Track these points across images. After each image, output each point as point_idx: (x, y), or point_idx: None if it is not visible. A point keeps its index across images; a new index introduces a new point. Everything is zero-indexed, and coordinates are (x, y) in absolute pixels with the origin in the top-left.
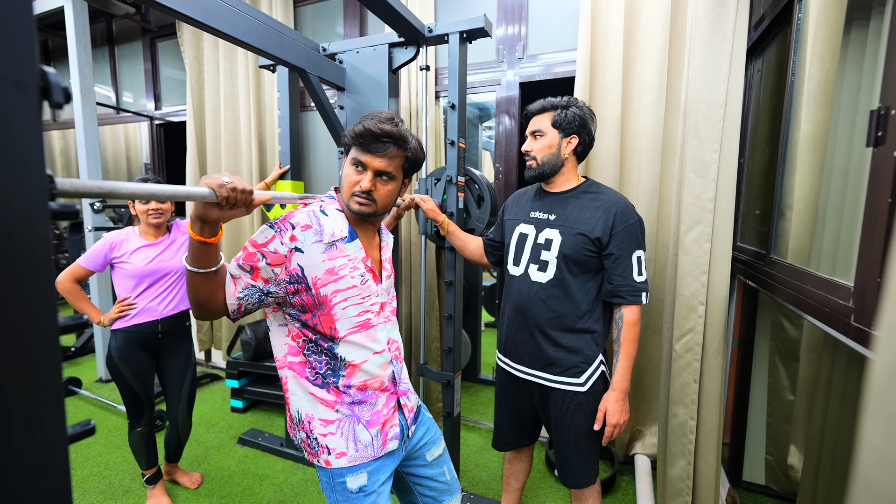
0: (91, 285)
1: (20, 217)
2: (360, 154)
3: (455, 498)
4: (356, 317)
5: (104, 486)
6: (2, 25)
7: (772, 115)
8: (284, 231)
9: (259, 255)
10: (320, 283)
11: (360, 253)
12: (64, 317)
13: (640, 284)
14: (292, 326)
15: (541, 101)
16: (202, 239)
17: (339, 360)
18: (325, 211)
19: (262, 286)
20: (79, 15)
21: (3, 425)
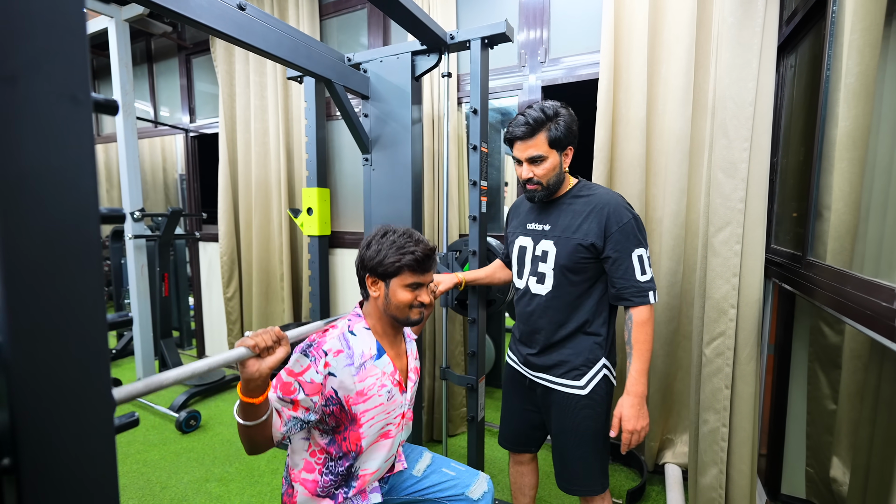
0: None
1: (75, 219)
2: (417, 277)
3: (476, 484)
4: (379, 431)
5: (143, 482)
6: (60, 47)
7: (806, 113)
8: (318, 359)
9: (296, 385)
10: (352, 402)
11: (388, 367)
12: (111, 314)
13: (645, 284)
14: (315, 443)
15: (523, 122)
16: (250, 400)
17: (353, 475)
18: (353, 331)
19: (303, 415)
20: (121, 35)
21: (61, 414)
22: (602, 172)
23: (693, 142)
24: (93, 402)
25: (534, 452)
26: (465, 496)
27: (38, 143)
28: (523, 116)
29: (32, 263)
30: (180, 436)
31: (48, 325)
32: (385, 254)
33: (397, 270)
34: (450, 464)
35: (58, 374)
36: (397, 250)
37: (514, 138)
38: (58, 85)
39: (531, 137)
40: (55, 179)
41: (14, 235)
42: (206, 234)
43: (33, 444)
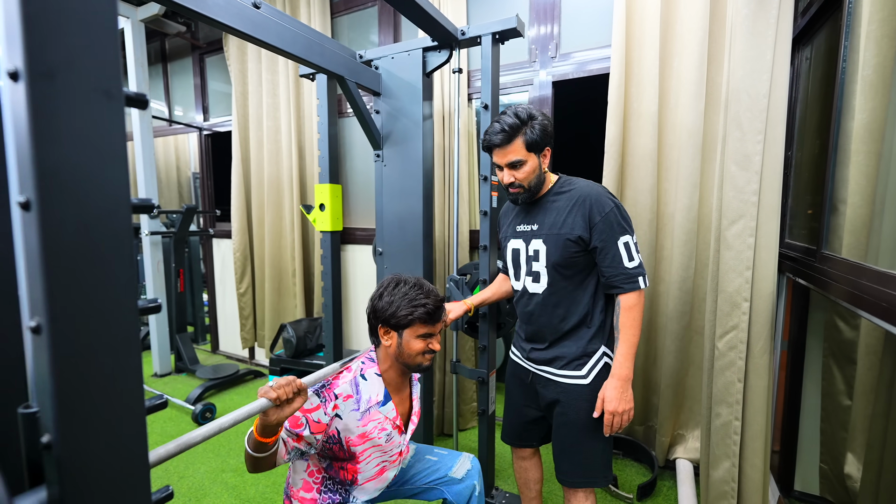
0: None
1: (108, 208)
2: (428, 328)
3: (458, 464)
4: (375, 468)
5: (161, 471)
6: (93, 44)
7: (822, 105)
8: (328, 402)
9: (303, 420)
10: (353, 443)
11: (391, 413)
12: (141, 300)
13: (633, 270)
14: (314, 465)
15: (499, 129)
16: (264, 440)
17: (349, 497)
18: (364, 375)
19: (304, 448)
20: (137, 36)
21: (98, 394)
22: (613, 168)
23: (706, 135)
24: (127, 380)
25: (535, 447)
26: (448, 477)
27: (74, 135)
28: (499, 124)
29: (69, 250)
30: (196, 428)
31: (85, 307)
32: (398, 306)
33: (409, 323)
34: (433, 450)
35: (94, 353)
36: (409, 303)
37: (492, 146)
38: (92, 80)
39: (509, 143)
40: (90, 171)
41: (52, 224)
42: (220, 231)
43: (72, 420)
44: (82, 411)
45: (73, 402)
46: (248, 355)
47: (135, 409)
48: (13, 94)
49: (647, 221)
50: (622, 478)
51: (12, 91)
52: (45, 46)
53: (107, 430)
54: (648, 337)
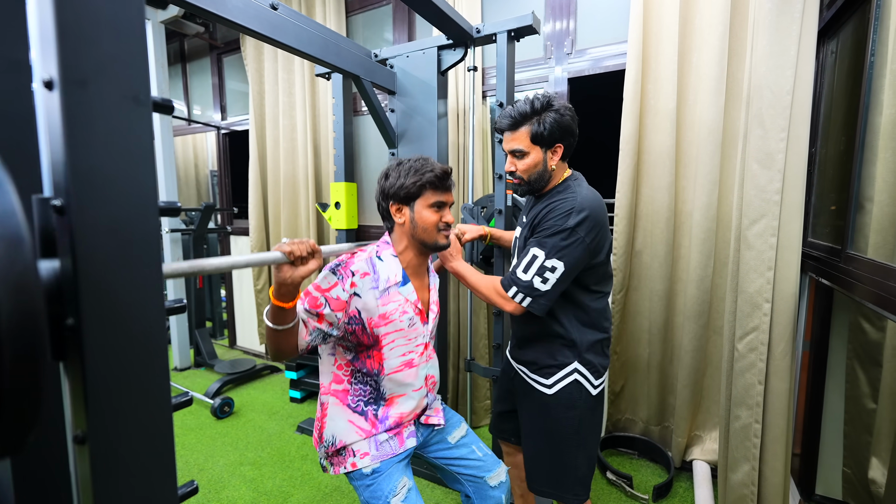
0: None
1: (138, 210)
2: (439, 196)
3: (496, 472)
4: (401, 357)
5: (181, 463)
6: (124, 51)
7: (848, 101)
8: (346, 278)
9: (322, 300)
10: (374, 324)
11: (412, 296)
12: (167, 301)
13: (520, 281)
14: (340, 357)
15: (508, 113)
16: (281, 304)
17: (380, 392)
18: (380, 256)
19: (326, 328)
20: (157, 37)
21: (127, 391)
22: (629, 165)
23: (726, 132)
24: (155, 379)
25: (514, 444)
26: (483, 480)
27: (105, 141)
28: (511, 108)
29: (101, 251)
30: (215, 421)
31: (115, 307)
32: (405, 178)
33: (419, 190)
34: (479, 443)
35: (124, 354)
36: (415, 173)
37: (499, 129)
38: (122, 87)
39: (514, 130)
40: (120, 175)
41: (85, 225)
42: (237, 229)
43: (103, 416)
44: (112, 408)
45: (103, 399)
46: (264, 351)
47: (162, 406)
48: (48, 101)
49: (665, 220)
50: (637, 478)
51: (47, 99)
52: (77, 56)
53: (136, 426)
54: (665, 336)
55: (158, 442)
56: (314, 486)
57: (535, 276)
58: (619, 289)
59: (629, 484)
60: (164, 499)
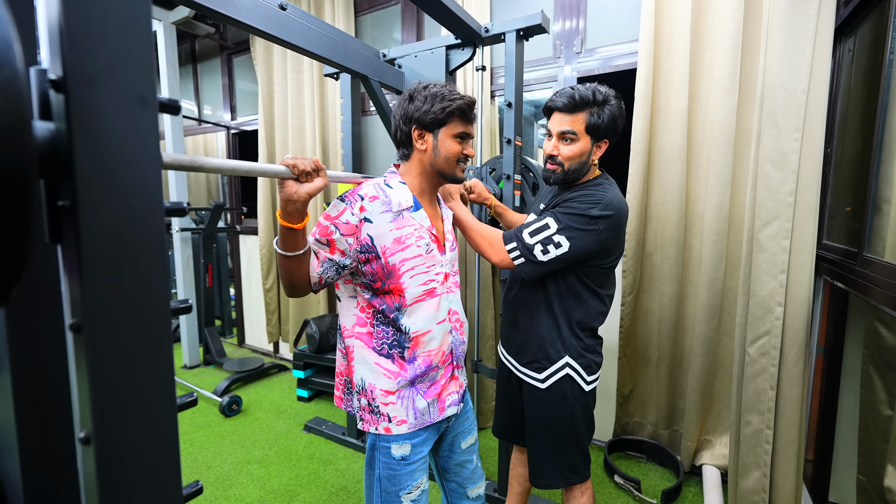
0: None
1: (144, 211)
2: (464, 126)
3: (478, 486)
4: (422, 285)
5: (190, 461)
6: (130, 51)
7: (865, 100)
8: (354, 203)
9: (332, 227)
10: (389, 252)
11: (425, 221)
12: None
13: (522, 240)
14: (361, 298)
15: (568, 94)
16: (289, 225)
17: (403, 332)
18: (389, 184)
19: (338, 259)
20: (168, 38)
21: (131, 392)
22: (640, 165)
23: (738, 132)
24: (159, 380)
25: (524, 445)
26: (465, 491)
27: (112, 141)
28: (572, 90)
29: (107, 253)
30: (223, 419)
31: (121, 308)
32: (432, 103)
33: (448, 117)
34: (477, 455)
35: (129, 355)
36: (443, 99)
37: (553, 108)
38: (129, 87)
39: (571, 113)
40: (127, 176)
41: (92, 227)
42: (246, 228)
43: (107, 416)
44: (117, 409)
45: (108, 399)
46: (272, 349)
47: (167, 407)
48: (55, 102)
49: (676, 221)
50: (646, 482)
51: (55, 99)
52: (85, 56)
53: (141, 427)
54: (675, 339)
55: (163, 443)
56: (321, 486)
57: (538, 244)
58: (630, 291)
59: (637, 488)
60: (168, 499)
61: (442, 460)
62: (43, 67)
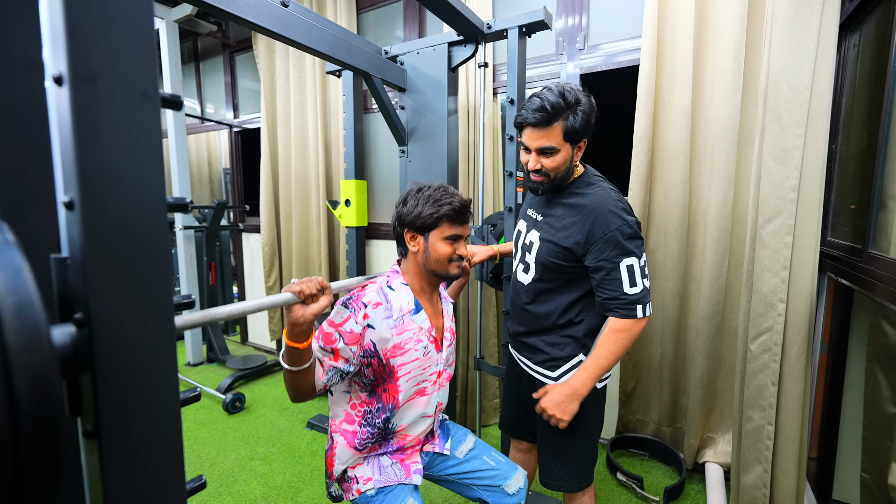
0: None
1: (146, 206)
2: (455, 229)
3: (513, 479)
4: (415, 387)
5: (194, 457)
6: (132, 47)
7: (871, 96)
8: (358, 311)
9: (336, 335)
10: (390, 355)
11: (425, 323)
12: (176, 296)
13: (634, 296)
14: (355, 396)
15: (538, 106)
16: (295, 345)
17: (389, 430)
18: (391, 286)
19: (342, 366)
20: (171, 36)
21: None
22: (642, 162)
23: (742, 129)
24: (162, 374)
25: (531, 442)
26: (501, 488)
27: (114, 136)
28: (539, 100)
29: (110, 247)
30: (227, 416)
31: (124, 303)
32: (422, 208)
33: (436, 222)
34: (490, 453)
35: (133, 350)
36: (434, 203)
37: (525, 124)
38: (131, 83)
39: (546, 126)
40: (129, 170)
41: (94, 223)
42: (249, 226)
43: (112, 411)
44: (121, 403)
45: (112, 393)
46: (275, 347)
47: (171, 401)
48: (58, 97)
49: (679, 218)
50: (648, 480)
51: (57, 95)
52: (87, 52)
53: (144, 421)
54: (678, 337)
55: (167, 436)
56: (323, 483)
57: (642, 279)
58: None
59: (640, 485)
60: (172, 492)
61: (452, 476)
62: (63, 256)
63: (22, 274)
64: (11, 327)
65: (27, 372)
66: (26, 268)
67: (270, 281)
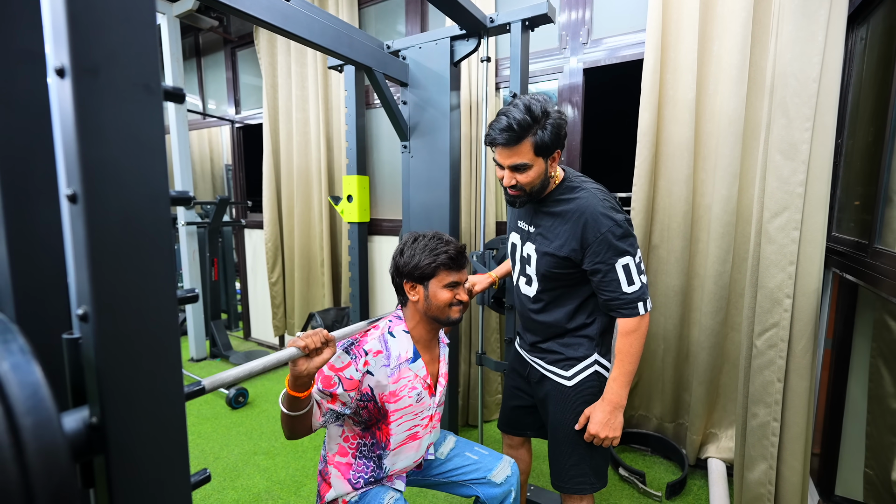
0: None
1: (149, 199)
2: (453, 276)
3: (499, 468)
4: (407, 431)
5: (198, 451)
6: (134, 40)
7: (878, 89)
8: (359, 358)
9: (336, 380)
10: (385, 399)
11: (421, 371)
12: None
13: (633, 294)
14: (349, 429)
15: (504, 125)
16: (296, 394)
17: (382, 468)
18: (392, 333)
19: (339, 409)
20: (173, 31)
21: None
22: (646, 157)
23: (748, 123)
24: (167, 368)
25: (525, 437)
26: (487, 479)
27: (116, 129)
28: (506, 118)
29: (112, 241)
30: (230, 411)
31: (127, 296)
32: (419, 258)
33: (434, 271)
34: (473, 447)
35: (137, 343)
36: (430, 252)
37: (494, 144)
38: (133, 76)
39: (515, 144)
40: (131, 164)
41: (96, 216)
42: (252, 222)
43: (117, 405)
44: (126, 396)
45: (117, 387)
46: (278, 343)
47: (174, 395)
48: (60, 90)
49: (682, 213)
50: (650, 475)
51: (59, 87)
52: (88, 44)
53: (149, 414)
54: (681, 332)
55: (171, 430)
56: None
57: (639, 276)
58: None
59: (642, 480)
60: (177, 485)
61: (438, 476)
62: (75, 336)
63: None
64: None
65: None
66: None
67: (274, 277)
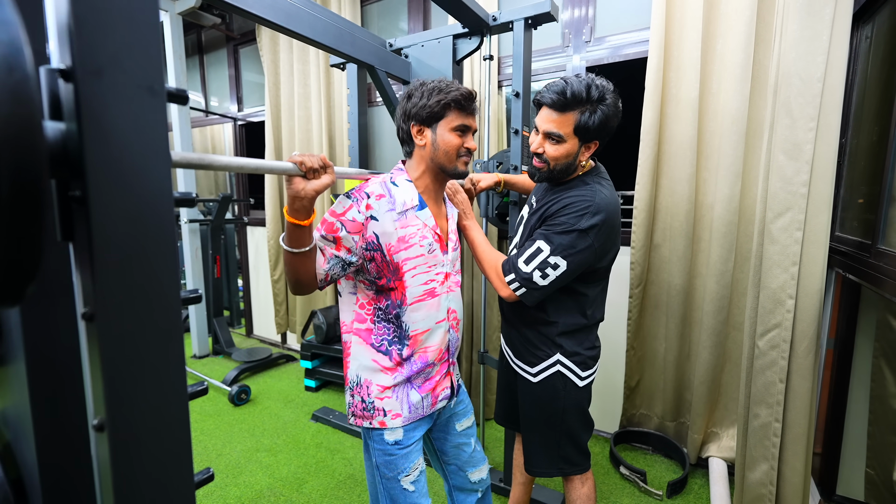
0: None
1: (153, 201)
2: (463, 118)
3: (479, 469)
4: (423, 285)
5: (201, 448)
6: (137, 41)
7: (883, 88)
8: (360, 200)
9: (339, 224)
10: (394, 250)
11: (430, 221)
12: (183, 291)
13: (521, 272)
14: (362, 294)
15: (559, 88)
16: (296, 221)
17: (403, 329)
18: (395, 182)
19: (344, 256)
20: (175, 28)
21: (143, 380)
22: (649, 156)
23: (751, 122)
24: (170, 368)
25: (518, 431)
26: (466, 474)
27: (121, 131)
28: (564, 83)
29: (118, 242)
30: (232, 408)
31: (131, 297)
32: (428, 98)
33: (444, 109)
34: (476, 440)
35: (141, 343)
36: (439, 92)
37: (542, 103)
38: (137, 77)
39: (560, 111)
40: (136, 165)
41: (103, 217)
42: (254, 219)
43: (121, 404)
44: (129, 396)
45: (121, 387)
46: (280, 340)
47: (178, 395)
48: (64, 92)
49: (685, 212)
50: (651, 474)
51: (63, 89)
52: (94, 44)
53: (153, 414)
54: (682, 332)
55: (175, 429)
56: (328, 474)
57: (536, 270)
58: (637, 283)
59: (643, 479)
60: (180, 484)
61: (438, 442)
62: (53, 67)
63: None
64: None
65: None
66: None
67: (276, 275)
